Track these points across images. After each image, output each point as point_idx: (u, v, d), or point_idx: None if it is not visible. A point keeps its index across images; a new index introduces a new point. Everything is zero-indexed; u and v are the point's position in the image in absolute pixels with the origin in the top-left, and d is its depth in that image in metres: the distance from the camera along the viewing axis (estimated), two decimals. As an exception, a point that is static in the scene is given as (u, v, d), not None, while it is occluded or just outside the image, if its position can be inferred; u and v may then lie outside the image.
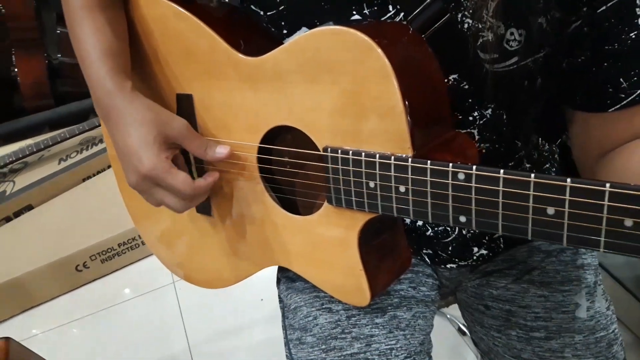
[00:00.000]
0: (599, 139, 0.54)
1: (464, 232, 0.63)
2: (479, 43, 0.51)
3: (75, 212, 1.65)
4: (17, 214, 1.67)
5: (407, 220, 0.64)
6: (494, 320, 0.66)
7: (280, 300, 0.67)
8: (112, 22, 0.58)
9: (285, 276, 0.67)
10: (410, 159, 0.46)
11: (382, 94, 0.46)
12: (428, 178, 0.45)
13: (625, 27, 0.49)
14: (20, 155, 1.76)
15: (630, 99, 0.50)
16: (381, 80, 0.46)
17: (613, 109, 0.52)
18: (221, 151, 0.57)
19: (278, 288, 0.68)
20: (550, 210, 0.40)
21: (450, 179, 0.44)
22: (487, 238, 0.65)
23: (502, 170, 0.41)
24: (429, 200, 0.46)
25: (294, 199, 0.60)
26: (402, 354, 0.58)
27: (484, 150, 0.60)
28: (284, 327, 0.64)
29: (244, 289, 0.82)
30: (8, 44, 2.05)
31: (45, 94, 2.06)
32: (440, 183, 0.44)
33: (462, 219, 0.45)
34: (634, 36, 0.49)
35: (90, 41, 0.56)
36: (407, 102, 0.46)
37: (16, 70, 2.06)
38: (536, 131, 0.65)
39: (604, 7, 0.49)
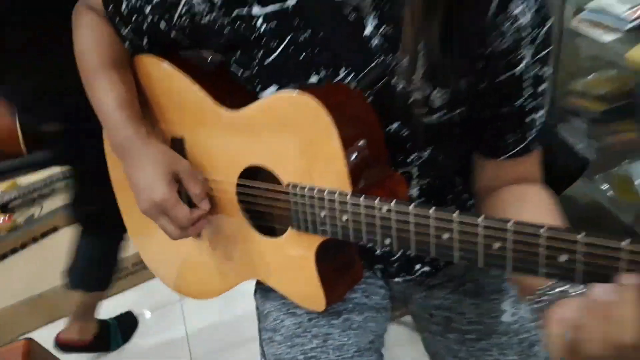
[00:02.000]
0: (491, 179, 0.66)
1: (407, 252, 0.73)
2: (410, 101, 0.62)
3: None
4: (44, 235, 1.80)
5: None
6: (436, 326, 0.76)
7: (257, 308, 0.77)
8: (124, 79, 0.69)
9: (261, 287, 0.77)
10: (348, 195, 0.56)
11: (327, 145, 0.57)
12: (362, 211, 0.55)
13: (514, 96, 0.60)
14: (49, 182, 1.90)
15: (514, 151, 0.63)
16: (326, 134, 0.56)
17: (502, 157, 0.63)
18: (204, 207, 0.67)
19: (255, 298, 0.78)
20: (445, 235, 0.50)
21: (376, 211, 0.54)
22: (428, 258, 0.75)
23: (411, 206, 0.52)
24: (363, 228, 0.56)
25: (266, 224, 0.70)
26: (352, 348, 0.68)
27: (424, 186, 0.71)
28: (259, 330, 0.74)
29: (247, 307, 0.89)
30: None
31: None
32: (371, 215, 0.55)
33: (387, 241, 0.55)
34: (519, 104, 0.60)
35: (108, 94, 0.67)
36: (346, 152, 0.57)
37: None
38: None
39: (501, 77, 0.59)
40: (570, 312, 0.42)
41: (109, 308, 1.63)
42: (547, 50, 0.60)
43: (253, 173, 0.67)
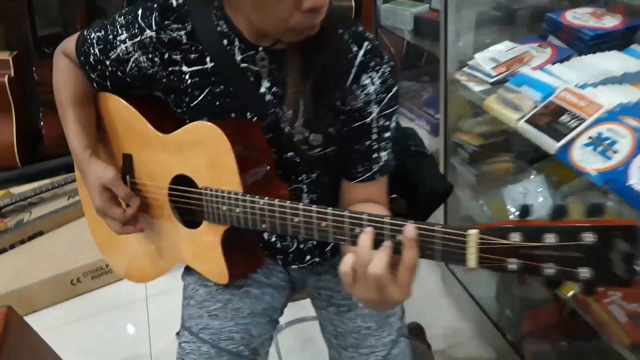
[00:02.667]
0: (347, 197, 0.87)
1: (300, 246, 0.95)
2: (295, 140, 0.81)
3: (76, 238, 1.96)
4: (31, 238, 1.97)
5: (266, 237, 0.96)
6: (322, 302, 0.97)
7: (183, 283, 0.99)
8: (85, 113, 0.91)
9: (187, 268, 0.99)
10: (239, 195, 0.79)
11: (226, 159, 0.79)
12: (247, 204, 0.77)
13: (364, 138, 0.82)
14: (38, 192, 2.08)
15: (362, 178, 0.84)
16: (225, 152, 0.78)
17: (355, 181, 0.85)
18: (134, 204, 0.88)
19: (182, 277, 1.00)
20: (295, 219, 0.72)
21: (255, 204, 0.76)
22: (318, 251, 0.97)
23: (276, 200, 0.74)
24: (248, 217, 0.78)
25: (189, 218, 0.92)
26: (247, 311, 0.89)
27: (313, 199, 0.92)
28: (183, 298, 0.96)
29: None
30: (38, 104, 2.40)
31: (63, 145, 2.40)
32: (252, 207, 0.76)
33: (263, 226, 0.76)
34: (367, 144, 0.82)
35: (71, 126, 0.90)
36: (239, 164, 0.79)
37: (42, 124, 2.40)
38: None
39: (356, 125, 0.81)
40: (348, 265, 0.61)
41: (85, 302, 1.83)
42: (391, 109, 0.82)
43: (181, 180, 0.89)
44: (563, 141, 0.93)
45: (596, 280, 0.54)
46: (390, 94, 0.80)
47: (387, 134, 0.83)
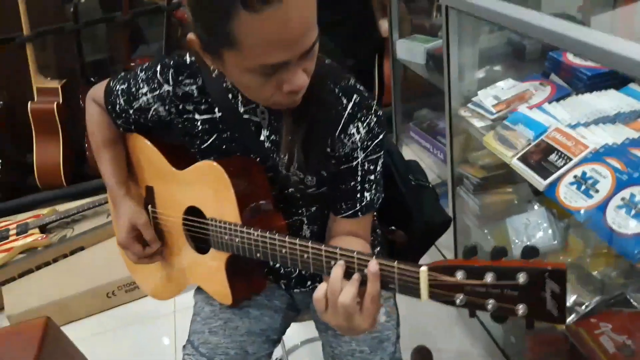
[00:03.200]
0: (334, 229, 0.93)
1: (303, 272, 1.03)
2: (291, 181, 0.90)
3: (113, 254, 2.04)
4: (72, 252, 2.12)
5: (271, 263, 1.04)
6: (322, 325, 1.04)
7: (194, 301, 1.08)
8: (116, 153, 1.03)
9: (198, 287, 1.08)
10: (238, 227, 0.87)
11: (227, 194, 0.88)
12: (245, 235, 0.86)
13: (350, 179, 0.89)
14: (81, 210, 2.25)
15: (346, 214, 0.90)
16: (227, 189, 0.88)
17: (339, 216, 0.91)
18: (154, 247, 1.00)
19: (193, 295, 1.09)
20: (283, 250, 0.81)
21: (251, 235, 0.85)
22: (318, 277, 1.04)
23: (267, 233, 0.83)
24: (245, 246, 0.87)
25: (200, 245, 1.01)
26: (244, 330, 0.97)
27: (314, 230, 1.00)
28: (192, 314, 1.05)
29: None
30: (83, 128, 2.60)
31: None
32: (248, 238, 0.86)
33: (258, 255, 0.85)
34: (352, 185, 0.89)
35: (106, 165, 1.02)
36: (238, 199, 0.88)
37: (86, 147, 2.47)
38: None
39: (342, 167, 0.88)
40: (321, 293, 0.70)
41: (118, 313, 1.97)
42: (376, 155, 0.88)
43: (193, 211, 0.99)
44: (550, 179, 0.97)
45: (533, 316, 0.60)
46: (375, 142, 0.87)
47: (372, 177, 0.90)
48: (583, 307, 1.09)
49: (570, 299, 1.14)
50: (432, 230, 1.13)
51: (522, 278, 0.58)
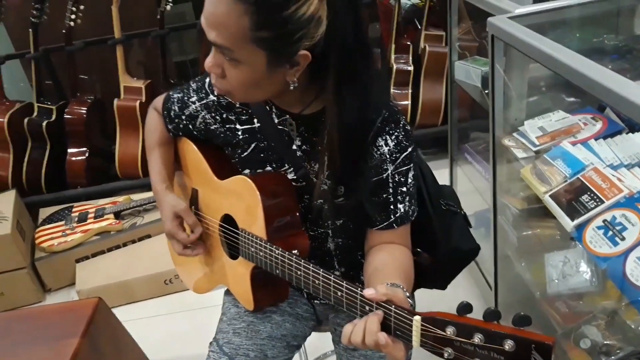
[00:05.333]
0: (371, 240, 0.97)
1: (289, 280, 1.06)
2: (321, 189, 0.95)
3: None
4: (140, 239, 2.31)
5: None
6: (337, 338, 1.08)
7: (223, 301, 1.16)
8: (164, 154, 1.12)
9: (227, 290, 1.16)
10: (264, 242, 0.94)
11: (256, 209, 0.94)
12: (267, 251, 0.92)
13: (381, 191, 0.93)
14: (152, 200, 2.42)
15: (380, 226, 0.94)
16: (256, 203, 0.94)
17: (374, 228, 0.96)
18: (197, 232, 1.06)
19: (223, 295, 1.17)
20: (299, 272, 0.86)
21: (273, 253, 0.91)
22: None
23: (286, 253, 0.88)
24: (267, 261, 0.93)
25: (232, 251, 1.08)
26: (265, 334, 1.03)
27: (339, 243, 1.05)
28: (221, 314, 1.13)
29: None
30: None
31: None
32: (270, 254, 0.92)
33: (277, 272, 0.91)
34: (384, 197, 0.93)
35: (153, 164, 1.12)
36: (265, 215, 0.94)
37: None
38: None
39: (373, 179, 0.93)
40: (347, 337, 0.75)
41: (174, 300, 2.11)
42: (405, 167, 0.93)
43: (229, 219, 1.07)
44: (577, 221, 0.95)
45: None
46: (404, 155, 0.91)
47: (404, 189, 0.93)
48: (611, 356, 1.05)
49: (600, 345, 1.09)
50: (459, 257, 1.13)
51: (508, 345, 0.60)
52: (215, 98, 0.99)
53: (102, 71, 2.76)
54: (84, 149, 2.61)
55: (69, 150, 2.60)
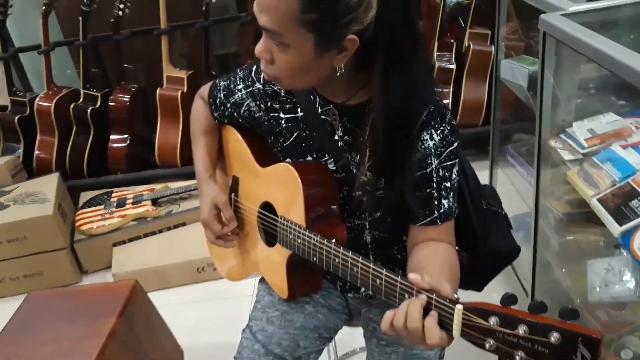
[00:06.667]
0: (413, 237, 0.96)
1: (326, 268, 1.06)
2: (361, 181, 0.95)
3: None
4: (175, 227, 2.35)
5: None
6: (368, 332, 1.08)
7: (257, 289, 1.17)
8: (209, 143, 1.14)
9: (262, 277, 1.17)
10: (302, 228, 0.94)
11: (297, 197, 0.95)
12: (306, 238, 0.93)
13: (425, 186, 0.92)
14: (189, 189, 2.47)
15: (424, 221, 0.94)
16: (297, 191, 0.95)
17: (417, 224, 0.95)
18: (232, 225, 1.08)
19: (258, 283, 1.18)
20: (336, 259, 0.86)
21: (312, 240, 0.91)
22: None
23: (325, 240, 0.89)
24: (305, 248, 0.94)
25: (269, 238, 1.09)
26: (298, 324, 1.04)
27: (375, 236, 1.05)
28: (254, 301, 1.14)
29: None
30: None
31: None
32: (309, 241, 0.92)
33: (314, 259, 0.92)
34: (428, 192, 0.92)
35: (198, 152, 1.14)
36: (306, 203, 0.95)
37: None
38: None
39: (417, 174, 0.92)
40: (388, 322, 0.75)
41: (207, 287, 2.15)
42: (450, 162, 0.92)
43: (268, 206, 1.08)
44: (626, 226, 0.92)
45: None
46: (450, 149, 0.91)
47: (448, 184, 0.92)
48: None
49: (642, 357, 1.06)
50: (498, 258, 1.12)
51: (554, 337, 0.58)
52: (261, 86, 1.01)
53: (146, 61, 2.83)
54: (126, 136, 2.69)
55: (111, 137, 2.68)
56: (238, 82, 1.04)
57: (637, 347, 1.08)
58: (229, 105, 1.07)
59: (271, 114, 1.02)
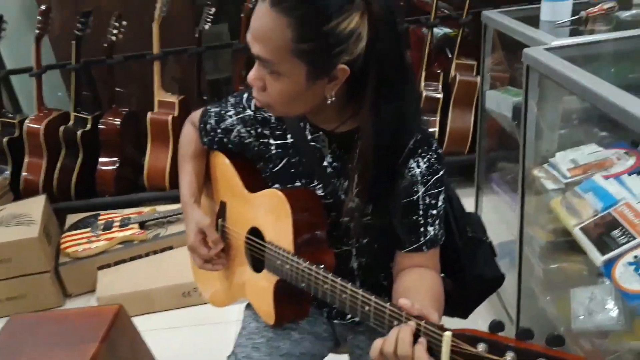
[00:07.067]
0: (398, 264, 0.97)
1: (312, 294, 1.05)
2: (349, 207, 0.97)
3: None
4: (162, 250, 2.33)
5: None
6: (355, 359, 1.08)
7: (243, 315, 1.16)
8: (195, 168, 1.14)
9: (249, 304, 1.16)
10: (290, 254, 0.95)
11: (286, 223, 0.95)
12: (293, 264, 0.93)
13: (411, 213, 0.93)
14: (176, 213, 2.45)
15: (410, 248, 0.94)
16: (286, 217, 0.95)
17: (403, 251, 0.96)
18: (218, 248, 1.08)
19: (244, 309, 1.17)
20: (325, 286, 0.87)
21: (300, 266, 0.91)
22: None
23: (313, 266, 0.89)
24: (292, 274, 0.94)
25: (257, 264, 1.09)
26: (284, 351, 1.03)
27: (362, 263, 1.05)
28: (240, 327, 1.13)
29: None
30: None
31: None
32: (296, 267, 0.92)
33: (302, 285, 0.92)
34: (414, 219, 0.93)
35: (184, 176, 1.13)
36: (294, 229, 0.95)
37: None
38: None
39: (403, 201, 0.93)
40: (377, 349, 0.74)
41: (192, 312, 2.12)
42: (436, 190, 0.93)
43: (256, 232, 1.08)
44: (608, 256, 0.93)
45: None
46: (436, 177, 0.92)
47: (434, 211, 0.94)
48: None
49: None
50: (483, 285, 1.12)
51: None
52: (252, 112, 1.02)
53: (138, 84, 2.84)
54: (115, 159, 2.68)
55: (101, 160, 2.67)
56: (229, 108, 1.06)
57: (620, 376, 1.09)
58: (219, 130, 1.08)
59: (261, 140, 1.03)
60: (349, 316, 1.09)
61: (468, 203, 1.89)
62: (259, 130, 1.02)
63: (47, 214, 2.38)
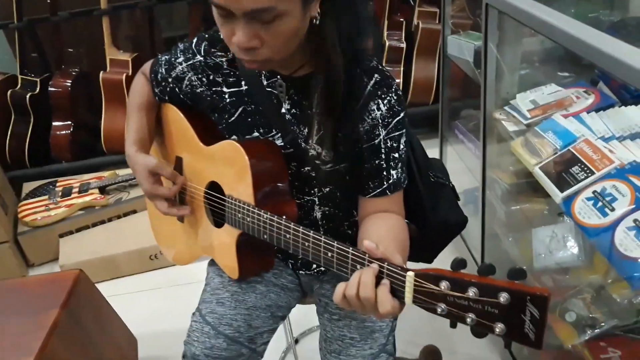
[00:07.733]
0: (362, 210, 0.96)
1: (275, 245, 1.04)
2: (310, 155, 0.95)
3: None
4: (125, 215, 2.27)
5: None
6: (321, 308, 1.07)
7: (207, 272, 1.14)
8: (142, 119, 1.06)
9: (212, 260, 1.14)
10: (250, 207, 0.92)
11: (245, 174, 0.92)
12: (255, 216, 0.90)
13: (374, 157, 0.91)
14: None
15: (373, 193, 0.93)
16: (244, 168, 0.92)
17: (367, 196, 0.94)
18: (179, 182, 1.02)
19: (207, 265, 1.15)
20: (279, 231, 0.84)
21: (261, 217, 0.89)
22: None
23: (275, 216, 0.86)
24: (254, 226, 0.91)
25: (217, 219, 1.06)
26: (249, 304, 1.02)
27: (325, 212, 1.03)
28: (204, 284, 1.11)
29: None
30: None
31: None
32: (258, 219, 0.90)
33: (265, 236, 0.89)
34: (376, 163, 0.91)
35: (129, 127, 1.06)
36: (254, 180, 0.92)
37: None
38: None
39: (365, 145, 0.91)
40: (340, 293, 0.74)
41: (159, 275, 2.09)
42: (398, 132, 0.91)
43: (215, 186, 1.05)
44: (567, 192, 0.94)
45: (510, 337, 0.60)
46: (396, 119, 0.90)
47: (396, 155, 0.92)
48: (596, 329, 1.05)
49: (585, 318, 1.09)
50: (447, 229, 1.12)
51: (503, 298, 0.59)
52: (202, 58, 0.97)
53: (88, 44, 2.69)
54: (69, 122, 2.56)
55: (54, 124, 2.55)
56: (178, 55, 1.00)
57: (580, 310, 1.12)
58: (170, 80, 1.03)
59: (214, 89, 0.98)
60: (314, 266, 1.08)
61: (433, 153, 1.89)
62: (211, 77, 0.97)
63: (1, 183, 2.28)
